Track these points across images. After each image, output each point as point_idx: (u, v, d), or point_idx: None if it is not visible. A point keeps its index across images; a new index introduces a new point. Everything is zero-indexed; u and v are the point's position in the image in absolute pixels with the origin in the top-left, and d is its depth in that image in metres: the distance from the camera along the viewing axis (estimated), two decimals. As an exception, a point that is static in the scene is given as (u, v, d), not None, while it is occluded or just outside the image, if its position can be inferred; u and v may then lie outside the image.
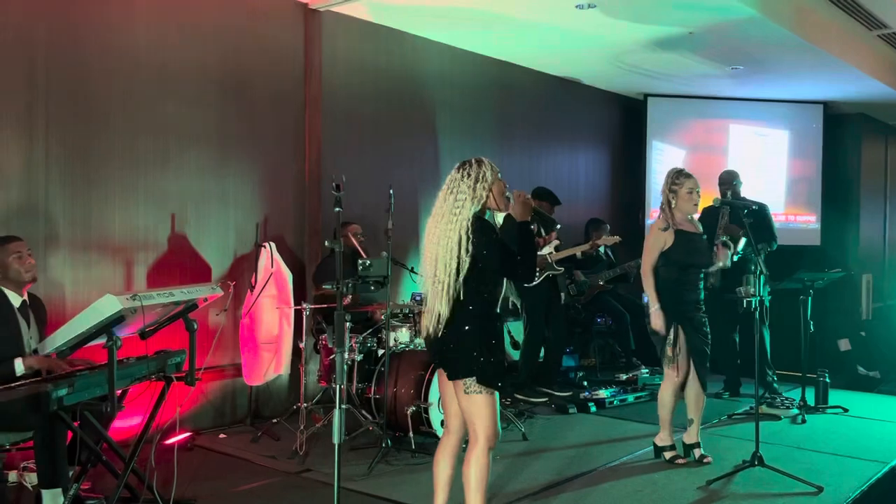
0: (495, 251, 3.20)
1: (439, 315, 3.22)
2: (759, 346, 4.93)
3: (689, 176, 4.55)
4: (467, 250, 3.17)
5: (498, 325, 3.31)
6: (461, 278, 3.18)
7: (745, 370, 6.45)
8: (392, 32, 6.51)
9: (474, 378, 3.19)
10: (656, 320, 4.50)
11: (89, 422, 3.67)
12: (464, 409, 3.27)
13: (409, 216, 6.55)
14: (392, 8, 6.03)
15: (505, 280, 3.35)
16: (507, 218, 3.31)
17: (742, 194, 6.34)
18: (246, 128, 5.65)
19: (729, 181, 6.33)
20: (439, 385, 3.45)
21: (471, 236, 3.17)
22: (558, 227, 6.44)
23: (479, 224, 3.22)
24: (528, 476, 4.39)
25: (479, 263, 3.19)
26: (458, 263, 3.17)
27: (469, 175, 3.26)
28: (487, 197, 3.26)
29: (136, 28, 5.05)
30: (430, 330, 3.28)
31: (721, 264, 4.67)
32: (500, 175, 3.32)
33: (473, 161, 3.30)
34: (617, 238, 6.78)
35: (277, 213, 5.86)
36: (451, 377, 3.26)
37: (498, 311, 3.31)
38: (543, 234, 6.26)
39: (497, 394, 3.24)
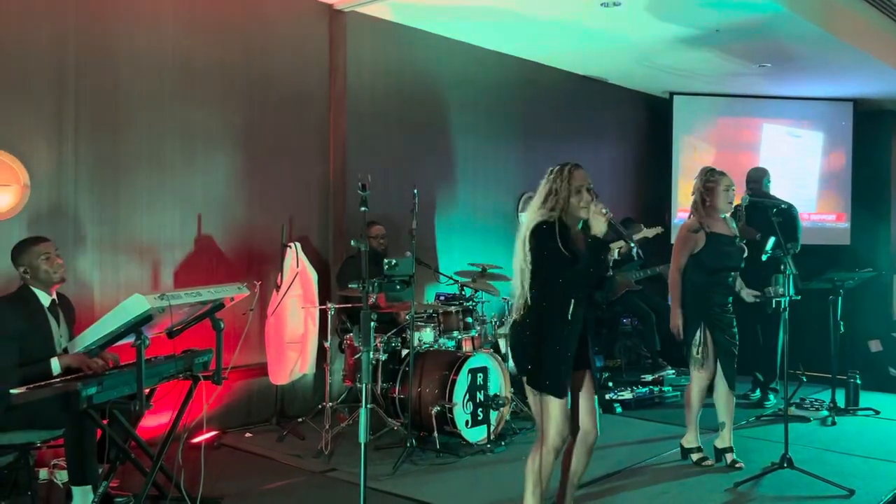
0: (549, 260, 3.23)
1: (513, 318, 3.39)
2: (784, 347, 4.86)
3: (723, 173, 4.50)
4: (528, 259, 3.25)
5: (562, 333, 3.27)
6: (530, 286, 3.27)
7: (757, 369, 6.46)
8: (415, 32, 6.52)
9: (526, 379, 3.31)
10: (675, 321, 4.46)
11: (118, 420, 3.71)
12: None
13: (433, 215, 6.56)
14: (415, 8, 6.03)
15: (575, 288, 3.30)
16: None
17: (772, 193, 6.25)
18: (271, 128, 5.68)
19: (757, 179, 6.23)
20: None
21: (531, 244, 3.24)
22: (632, 244, 6.27)
23: (540, 232, 3.24)
24: (553, 477, 4.36)
25: (539, 271, 3.25)
26: (527, 273, 3.27)
27: (546, 184, 3.34)
28: (560, 208, 3.28)
29: (162, 31, 5.10)
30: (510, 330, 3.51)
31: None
32: (587, 184, 3.30)
33: (557, 168, 3.36)
34: (659, 228, 6.64)
35: (303, 213, 5.88)
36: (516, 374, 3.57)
37: (569, 318, 3.27)
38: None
39: (555, 399, 3.27)
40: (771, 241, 5.05)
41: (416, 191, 4.96)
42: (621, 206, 8.42)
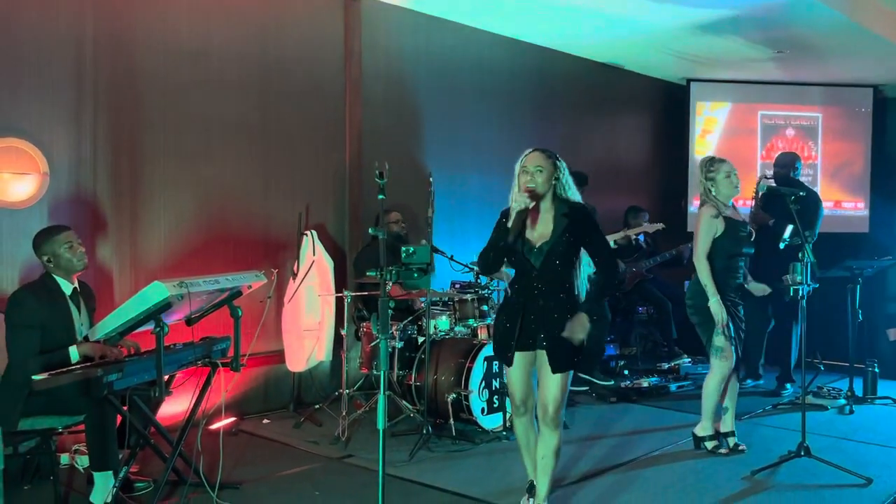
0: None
1: None
2: (802, 335, 4.83)
3: (722, 160, 4.51)
4: None
5: (504, 307, 3.63)
6: None
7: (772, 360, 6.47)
8: (431, 19, 6.49)
9: None
10: (719, 311, 4.38)
11: (138, 406, 3.76)
12: None
13: (448, 203, 6.55)
14: (431, -5, 6.03)
15: (510, 264, 3.54)
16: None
17: (801, 180, 6.19)
18: (287, 117, 5.69)
19: (784, 164, 6.14)
20: None
21: None
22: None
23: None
24: (569, 464, 4.38)
25: None
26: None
27: None
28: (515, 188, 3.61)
29: (178, 20, 5.11)
30: None
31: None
32: (529, 168, 3.57)
33: None
34: (660, 225, 6.65)
35: (319, 201, 5.89)
36: None
37: (513, 294, 3.52)
38: None
39: (504, 366, 3.55)
40: (789, 228, 5.01)
41: (431, 178, 4.96)
42: (637, 194, 8.39)
